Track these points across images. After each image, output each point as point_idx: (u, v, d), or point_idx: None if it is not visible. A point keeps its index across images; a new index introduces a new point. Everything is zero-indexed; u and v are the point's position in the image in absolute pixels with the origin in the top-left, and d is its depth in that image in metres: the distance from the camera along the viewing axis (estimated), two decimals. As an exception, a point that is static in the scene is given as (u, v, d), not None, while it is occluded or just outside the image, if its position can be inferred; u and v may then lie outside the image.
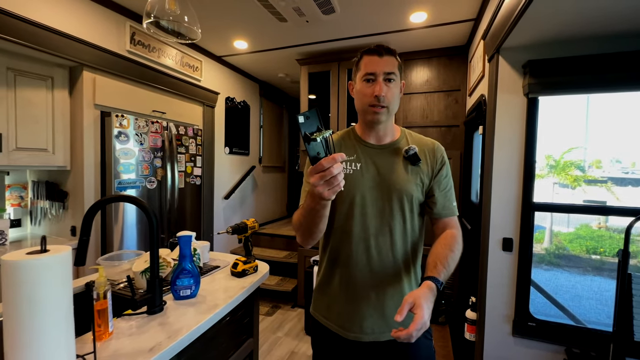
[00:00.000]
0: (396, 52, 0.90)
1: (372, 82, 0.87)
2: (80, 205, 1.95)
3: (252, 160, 3.89)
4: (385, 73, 0.86)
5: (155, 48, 2.41)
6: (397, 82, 0.89)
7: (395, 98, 0.89)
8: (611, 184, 4.54)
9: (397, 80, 0.89)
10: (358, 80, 0.91)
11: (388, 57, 0.87)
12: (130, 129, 2.09)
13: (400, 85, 0.91)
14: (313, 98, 3.00)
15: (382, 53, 0.87)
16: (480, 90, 2.03)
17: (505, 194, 1.51)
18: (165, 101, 2.54)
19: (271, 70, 3.56)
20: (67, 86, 1.95)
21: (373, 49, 0.89)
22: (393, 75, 0.87)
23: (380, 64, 0.86)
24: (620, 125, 3.40)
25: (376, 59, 0.87)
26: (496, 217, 1.53)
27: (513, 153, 1.49)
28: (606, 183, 4.25)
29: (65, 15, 1.82)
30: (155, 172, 2.29)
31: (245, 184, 3.73)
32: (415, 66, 2.93)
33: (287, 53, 2.97)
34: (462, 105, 2.78)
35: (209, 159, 3.04)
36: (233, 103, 3.46)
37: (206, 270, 1.39)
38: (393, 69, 0.87)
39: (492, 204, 1.53)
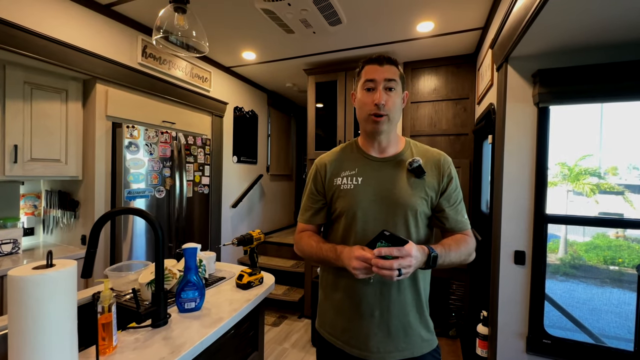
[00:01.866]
0: (398, 62, 0.90)
1: (373, 90, 0.87)
2: (91, 215, 1.98)
3: (260, 168, 3.91)
4: (386, 80, 0.86)
5: (166, 60, 2.47)
6: (399, 91, 0.88)
7: (397, 107, 0.88)
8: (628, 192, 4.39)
9: (398, 90, 0.88)
10: (359, 89, 0.91)
11: (389, 66, 0.87)
12: (140, 139, 2.13)
13: (402, 95, 0.90)
14: (320, 107, 3.02)
15: (382, 62, 0.87)
16: (489, 98, 2.01)
17: (517, 205, 1.47)
18: (175, 111, 2.58)
19: (279, 80, 3.60)
20: (80, 98, 2.00)
21: (374, 58, 0.88)
22: (394, 82, 0.86)
23: (380, 72, 0.86)
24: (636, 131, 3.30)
25: (377, 67, 0.87)
26: (507, 228, 1.49)
27: (524, 163, 1.46)
28: (623, 194, 4.11)
29: (80, 31, 1.88)
30: (164, 181, 2.32)
31: (253, 192, 3.74)
32: (423, 75, 2.93)
33: (294, 63, 3.00)
34: (471, 114, 2.75)
35: (217, 168, 3.07)
36: (241, 112, 3.50)
37: (212, 282, 1.38)
38: (394, 76, 0.87)
39: (503, 215, 1.49)
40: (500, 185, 1.50)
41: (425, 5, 1.97)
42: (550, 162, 1.42)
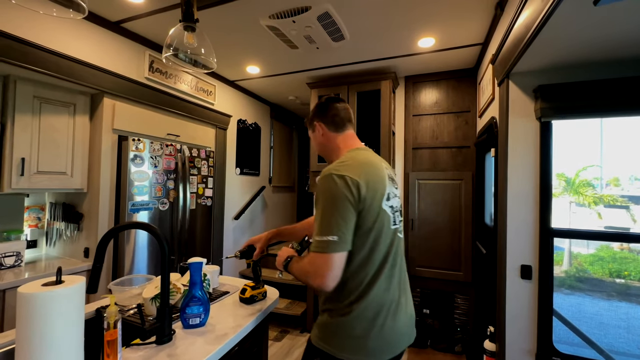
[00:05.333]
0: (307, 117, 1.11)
1: None
2: (94, 227, 1.98)
3: (262, 180, 3.92)
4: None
5: (172, 75, 2.52)
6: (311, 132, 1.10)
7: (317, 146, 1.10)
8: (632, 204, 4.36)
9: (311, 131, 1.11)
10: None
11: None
12: (145, 152, 2.15)
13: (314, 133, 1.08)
14: (323, 120, 3.04)
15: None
16: (490, 112, 2.03)
17: (522, 219, 1.47)
18: (180, 124, 2.62)
19: (282, 93, 3.65)
20: (88, 112, 2.04)
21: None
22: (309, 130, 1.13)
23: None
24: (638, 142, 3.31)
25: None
26: (513, 243, 1.48)
27: (528, 177, 1.46)
28: (628, 208, 4.09)
29: (90, 46, 1.93)
30: (168, 193, 2.33)
31: (255, 204, 3.74)
32: (424, 88, 2.97)
33: (297, 77, 3.06)
34: (473, 127, 2.77)
35: (220, 180, 3.08)
36: (244, 125, 3.54)
37: (216, 296, 1.37)
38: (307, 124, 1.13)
39: (509, 229, 1.49)
40: (504, 199, 1.50)
41: (426, 21, 2.02)
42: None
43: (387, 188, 0.92)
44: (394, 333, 0.88)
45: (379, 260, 0.89)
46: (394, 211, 0.93)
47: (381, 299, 0.88)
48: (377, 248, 0.88)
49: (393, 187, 0.96)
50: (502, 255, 1.52)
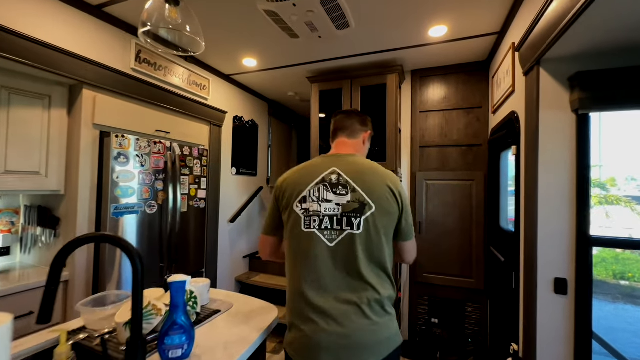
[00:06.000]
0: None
1: None
2: (72, 233, 1.78)
3: (260, 181, 3.73)
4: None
5: (162, 66, 2.32)
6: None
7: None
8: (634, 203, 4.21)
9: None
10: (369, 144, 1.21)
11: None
12: (130, 149, 1.95)
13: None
14: (324, 116, 2.86)
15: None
16: (510, 106, 1.85)
17: (555, 225, 1.29)
18: (170, 120, 2.42)
19: (280, 89, 3.46)
20: (65, 105, 1.83)
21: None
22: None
23: None
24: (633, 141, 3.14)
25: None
26: (545, 252, 1.30)
27: (562, 178, 1.29)
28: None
29: (67, 32, 1.73)
30: (156, 195, 2.13)
31: (252, 205, 3.55)
32: (432, 83, 2.79)
33: (297, 71, 2.87)
34: (485, 124, 2.59)
35: (215, 181, 2.89)
36: (241, 122, 3.35)
37: (204, 317, 1.18)
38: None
39: (540, 237, 1.31)
40: (534, 203, 1.32)
41: (439, 7, 1.84)
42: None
43: (306, 191, 0.98)
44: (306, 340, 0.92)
45: (295, 259, 0.98)
46: (309, 214, 0.96)
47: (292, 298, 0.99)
48: (291, 244, 1.00)
49: (326, 191, 0.97)
50: (531, 266, 1.34)
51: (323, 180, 0.98)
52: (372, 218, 0.93)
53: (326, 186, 0.97)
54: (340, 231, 0.94)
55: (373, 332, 0.89)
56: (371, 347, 0.88)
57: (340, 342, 0.88)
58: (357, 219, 0.93)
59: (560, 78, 1.29)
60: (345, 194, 0.95)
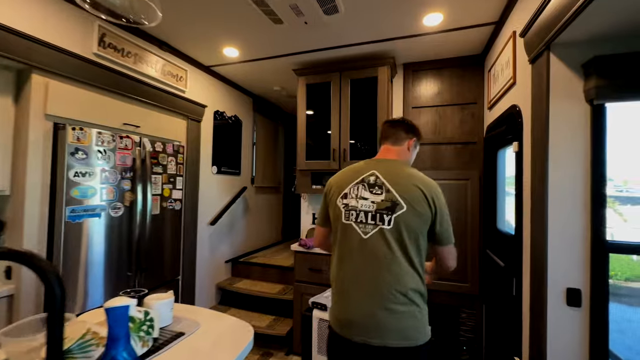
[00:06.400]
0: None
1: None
2: (19, 240, 1.54)
3: (244, 180, 3.52)
4: None
5: (131, 53, 2.09)
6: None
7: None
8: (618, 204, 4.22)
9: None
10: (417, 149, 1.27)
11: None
12: (91, 144, 1.73)
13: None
14: (311, 112, 2.68)
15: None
16: (510, 99, 1.72)
17: (567, 230, 1.15)
18: (141, 113, 2.19)
19: (266, 83, 3.27)
20: (11, 92, 1.59)
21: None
22: None
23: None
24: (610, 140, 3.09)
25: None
26: (556, 259, 1.16)
27: (575, 175, 1.15)
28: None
29: (13, 9, 1.50)
30: (123, 196, 1.90)
31: (236, 207, 3.34)
32: (425, 77, 2.65)
33: (282, 62, 2.68)
34: (480, 120, 2.47)
35: (193, 180, 2.67)
36: (223, 118, 3.13)
37: (164, 342, 0.98)
38: None
39: (550, 242, 1.17)
40: (543, 204, 1.18)
41: (436, -9, 1.69)
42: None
43: (349, 188, 1.12)
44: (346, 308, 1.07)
45: (338, 247, 1.13)
46: (349, 208, 1.10)
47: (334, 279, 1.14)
48: (335, 234, 1.15)
49: (364, 190, 1.10)
50: (540, 274, 1.20)
51: (362, 180, 1.11)
52: (402, 217, 1.03)
53: (365, 186, 1.10)
54: (374, 225, 1.06)
55: (394, 318, 1.01)
56: (391, 331, 1.00)
57: (367, 321, 1.02)
58: (388, 216, 1.05)
59: (574, 64, 1.16)
60: (380, 194, 1.07)
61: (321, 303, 1.99)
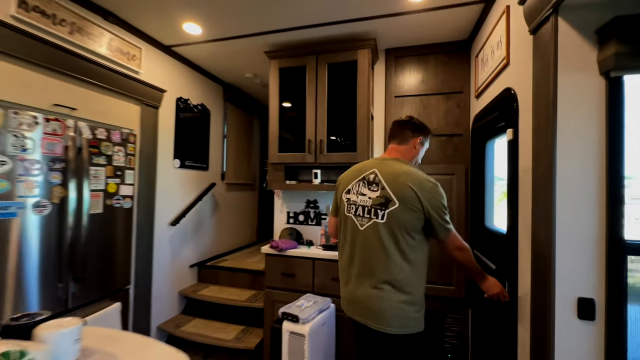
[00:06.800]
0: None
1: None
2: None
3: (213, 176, 3.20)
4: None
5: (66, 21, 1.75)
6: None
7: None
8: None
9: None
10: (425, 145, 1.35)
11: None
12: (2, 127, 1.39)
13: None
14: (285, 100, 2.42)
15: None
16: (503, 83, 1.54)
17: (578, 228, 0.96)
18: (79, 94, 1.85)
19: (236, 69, 2.97)
20: None
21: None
22: None
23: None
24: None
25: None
26: (565, 263, 0.97)
27: (588, 164, 0.96)
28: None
29: None
30: (51, 191, 1.57)
31: (203, 205, 3.02)
32: (408, 64, 2.46)
33: (253, 44, 2.40)
34: (466, 111, 2.30)
35: (148, 174, 2.34)
36: (187, 106, 2.81)
37: (52, 392, 0.69)
38: None
39: (557, 243, 0.98)
40: (550, 200, 0.99)
41: (422, -44, 1.48)
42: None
43: (352, 185, 1.27)
44: (346, 289, 1.25)
45: (341, 235, 1.30)
46: (350, 202, 1.25)
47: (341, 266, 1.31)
48: (339, 224, 1.33)
49: (363, 187, 1.22)
50: (545, 280, 1.01)
51: (363, 178, 1.23)
52: (395, 213, 1.12)
53: (364, 183, 1.22)
54: (369, 219, 1.17)
55: (379, 300, 1.11)
56: (378, 314, 1.11)
57: (363, 303, 1.16)
58: (382, 211, 1.14)
59: (586, 30, 0.97)
60: (376, 191, 1.17)
61: (292, 314, 1.74)
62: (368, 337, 1.15)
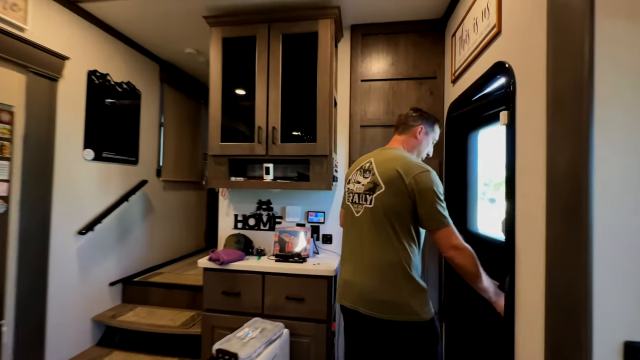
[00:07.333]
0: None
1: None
2: None
3: (144, 172, 2.64)
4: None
5: None
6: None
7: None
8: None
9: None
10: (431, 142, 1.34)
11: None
12: None
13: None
14: (229, 80, 1.96)
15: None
16: (492, 57, 1.26)
17: (626, 244, 0.67)
18: None
19: (174, 41, 2.44)
20: None
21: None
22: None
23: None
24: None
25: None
26: (606, 292, 0.68)
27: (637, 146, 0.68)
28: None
29: None
30: None
31: (130, 207, 2.45)
32: (376, 43, 2.14)
33: (190, 6, 1.92)
34: (440, 99, 2.04)
35: (39, 167, 1.75)
36: (105, 82, 2.23)
37: None
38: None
39: (597, 265, 0.68)
40: (584, 208, 0.69)
41: None
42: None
43: (352, 175, 1.29)
44: (341, 277, 1.25)
45: (347, 219, 1.28)
46: (350, 192, 1.27)
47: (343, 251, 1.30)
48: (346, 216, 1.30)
49: (359, 175, 1.24)
50: (575, 315, 0.71)
51: (361, 167, 1.26)
52: (381, 196, 1.13)
53: (361, 171, 1.25)
54: (361, 205, 1.20)
55: (373, 291, 1.11)
56: (371, 303, 1.11)
57: (359, 290, 1.15)
58: (370, 196, 1.16)
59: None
60: (367, 177, 1.20)
61: (229, 352, 1.31)
62: (358, 322, 1.15)
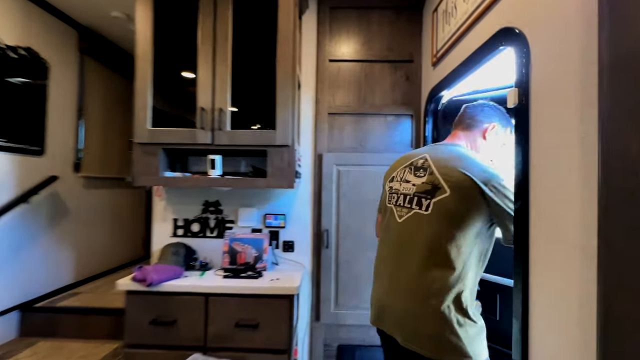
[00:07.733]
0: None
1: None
2: None
3: (55, 165, 2.07)
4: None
5: None
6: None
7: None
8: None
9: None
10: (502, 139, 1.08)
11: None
12: None
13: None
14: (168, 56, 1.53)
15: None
16: (491, 25, 1.03)
17: None
18: None
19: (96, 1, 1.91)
20: None
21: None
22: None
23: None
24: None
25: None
26: None
27: None
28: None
29: None
30: None
31: (33, 210, 1.89)
32: (347, 19, 1.85)
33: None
34: (417, 85, 1.81)
35: None
36: (-12, 44, 1.65)
37: None
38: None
39: None
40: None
41: None
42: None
43: (396, 172, 1.07)
44: (375, 296, 1.03)
45: (384, 224, 1.07)
46: (393, 191, 1.05)
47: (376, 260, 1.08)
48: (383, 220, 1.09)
49: (409, 173, 1.02)
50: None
51: (411, 164, 1.04)
52: (444, 202, 0.90)
53: (411, 169, 1.03)
54: (409, 209, 0.97)
55: (414, 319, 0.89)
56: (412, 335, 0.89)
57: (393, 313, 0.94)
58: (427, 200, 0.94)
59: None
60: (422, 176, 0.98)
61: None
62: (395, 351, 0.95)
